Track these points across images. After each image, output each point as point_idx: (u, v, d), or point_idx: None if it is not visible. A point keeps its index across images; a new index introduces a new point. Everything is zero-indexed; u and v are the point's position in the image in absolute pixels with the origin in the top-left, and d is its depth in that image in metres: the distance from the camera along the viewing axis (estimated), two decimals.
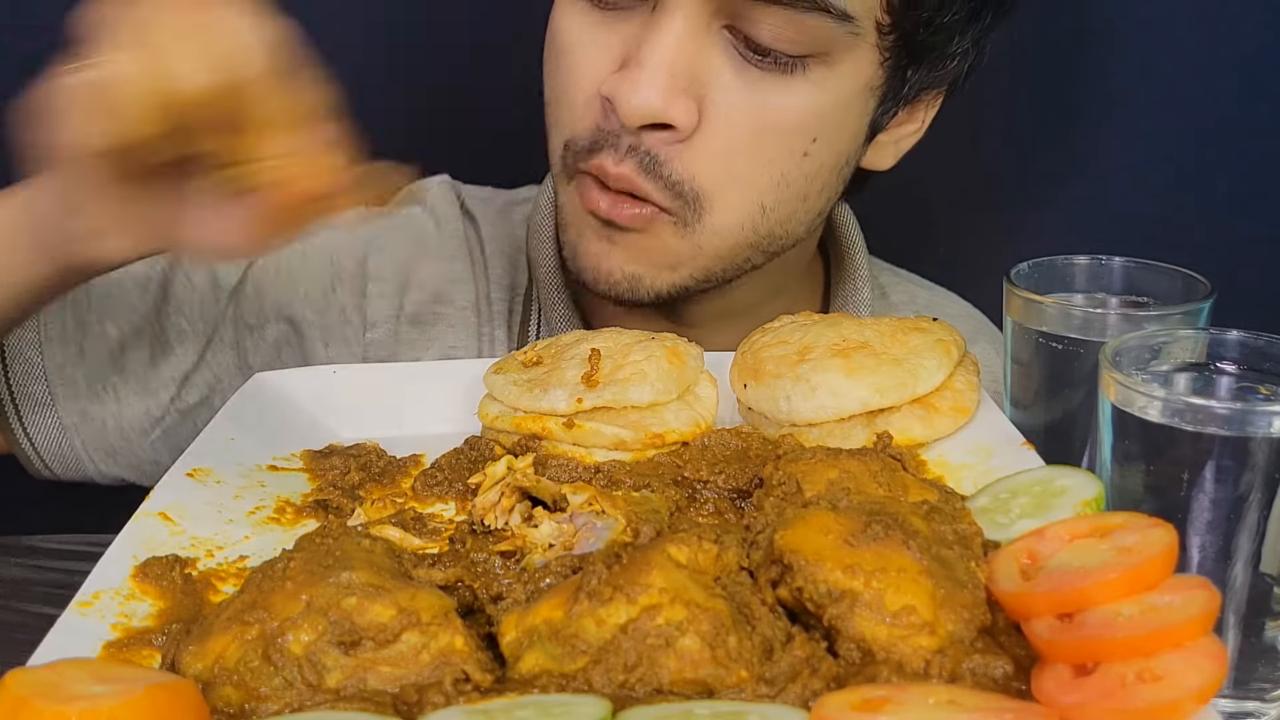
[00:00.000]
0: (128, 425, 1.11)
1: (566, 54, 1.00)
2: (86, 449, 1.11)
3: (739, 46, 0.95)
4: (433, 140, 1.38)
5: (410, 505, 0.81)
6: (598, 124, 0.98)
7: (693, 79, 0.95)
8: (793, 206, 1.02)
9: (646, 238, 1.00)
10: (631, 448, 0.85)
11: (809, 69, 0.96)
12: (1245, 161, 1.39)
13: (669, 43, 0.93)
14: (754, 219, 1.01)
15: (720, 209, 0.99)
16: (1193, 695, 0.55)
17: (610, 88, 0.95)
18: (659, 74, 0.93)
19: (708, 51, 0.95)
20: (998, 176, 1.45)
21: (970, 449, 0.84)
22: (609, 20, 0.98)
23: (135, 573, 0.71)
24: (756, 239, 1.03)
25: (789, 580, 0.63)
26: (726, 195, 0.99)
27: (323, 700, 0.59)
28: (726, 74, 0.96)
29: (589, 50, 0.98)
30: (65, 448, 1.11)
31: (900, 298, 1.27)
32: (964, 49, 1.03)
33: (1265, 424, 0.69)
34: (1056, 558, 0.64)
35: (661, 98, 0.93)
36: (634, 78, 0.94)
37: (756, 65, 0.95)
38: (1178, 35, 1.36)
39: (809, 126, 0.98)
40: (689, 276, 1.03)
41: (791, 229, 1.05)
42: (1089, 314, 0.87)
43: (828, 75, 0.97)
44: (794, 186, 1.01)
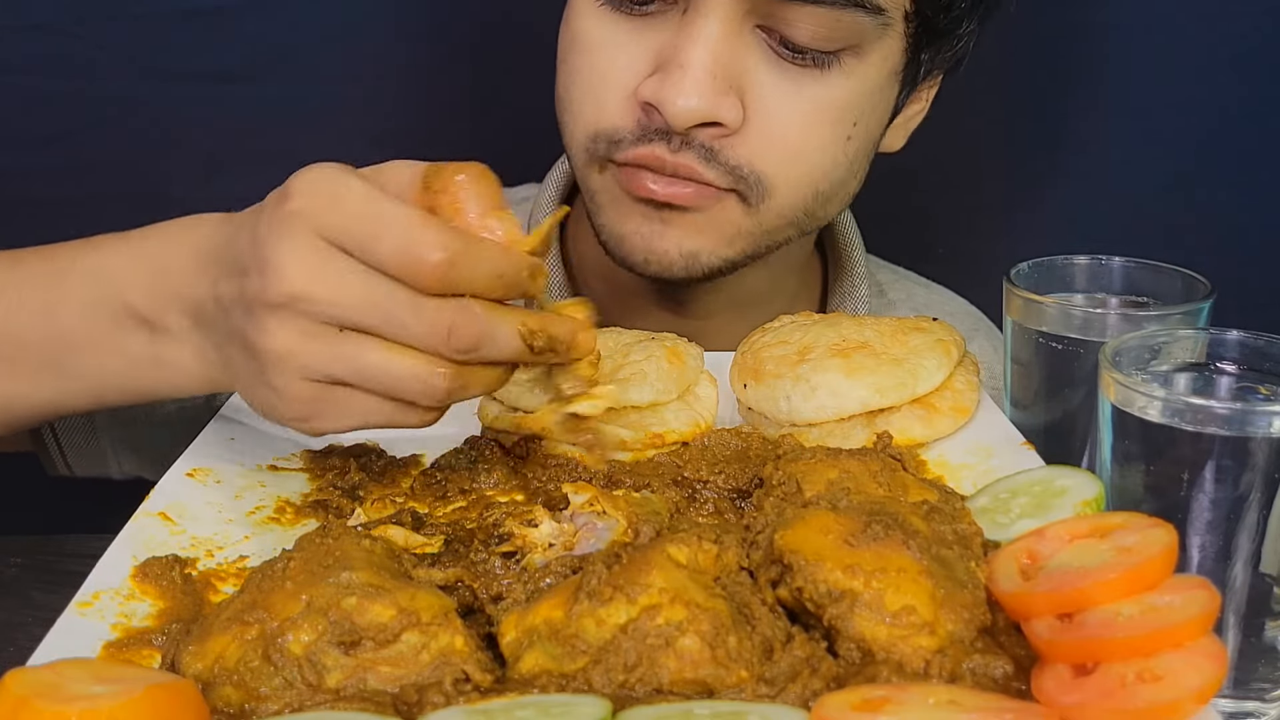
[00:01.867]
0: (158, 421, 1.10)
1: (592, 53, 1.00)
2: (113, 446, 1.10)
3: (774, 45, 0.96)
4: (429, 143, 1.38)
5: (410, 505, 0.81)
6: (639, 122, 0.98)
7: (733, 78, 0.96)
8: (838, 188, 1.04)
9: (707, 216, 1.00)
10: (631, 448, 0.85)
11: (843, 62, 0.97)
12: (1245, 161, 1.39)
13: (707, 43, 0.94)
14: (808, 202, 1.02)
15: (782, 192, 1.00)
16: (1193, 695, 0.55)
17: (652, 92, 0.95)
18: (702, 75, 0.93)
19: (743, 52, 0.96)
20: (998, 176, 1.45)
21: (970, 449, 0.84)
22: (638, 24, 0.98)
23: (135, 573, 0.71)
24: (805, 220, 1.04)
25: (789, 580, 0.63)
26: (786, 179, 1.00)
27: (323, 700, 0.59)
28: (765, 73, 0.96)
29: (618, 52, 0.98)
30: (91, 447, 1.10)
31: (898, 295, 1.27)
32: (971, 29, 1.05)
33: (1265, 424, 0.69)
34: (1056, 558, 0.64)
35: (707, 98, 0.94)
36: (676, 81, 0.94)
37: (793, 62, 0.96)
38: (1178, 35, 1.36)
39: (848, 114, 1.00)
40: (740, 252, 1.03)
41: (830, 210, 1.07)
42: (1089, 314, 0.87)
43: (859, 65, 0.98)
44: (840, 170, 1.02)
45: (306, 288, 0.69)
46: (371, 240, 0.69)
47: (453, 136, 1.38)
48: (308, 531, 0.71)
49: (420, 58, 1.40)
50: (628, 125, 0.98)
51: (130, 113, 1.35)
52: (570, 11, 1.02)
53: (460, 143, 1.39)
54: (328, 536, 0.68)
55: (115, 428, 1.10)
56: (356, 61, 1.39)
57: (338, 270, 0.69)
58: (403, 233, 0.69)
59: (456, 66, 1.39)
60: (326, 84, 1.38)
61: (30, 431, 1.09)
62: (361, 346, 0.70)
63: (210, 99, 1.35)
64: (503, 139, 1.31)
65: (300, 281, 0.69)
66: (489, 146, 1.31)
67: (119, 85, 1.34)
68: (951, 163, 1.37)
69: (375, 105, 1.40)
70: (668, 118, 0.94)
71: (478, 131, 1.38)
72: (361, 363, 0.70)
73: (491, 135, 1.37)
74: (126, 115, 1.35)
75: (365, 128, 1.40)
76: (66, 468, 1.12)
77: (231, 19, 1.34)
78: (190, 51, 1.34)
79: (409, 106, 1.41)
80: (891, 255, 1.31)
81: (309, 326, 0.70)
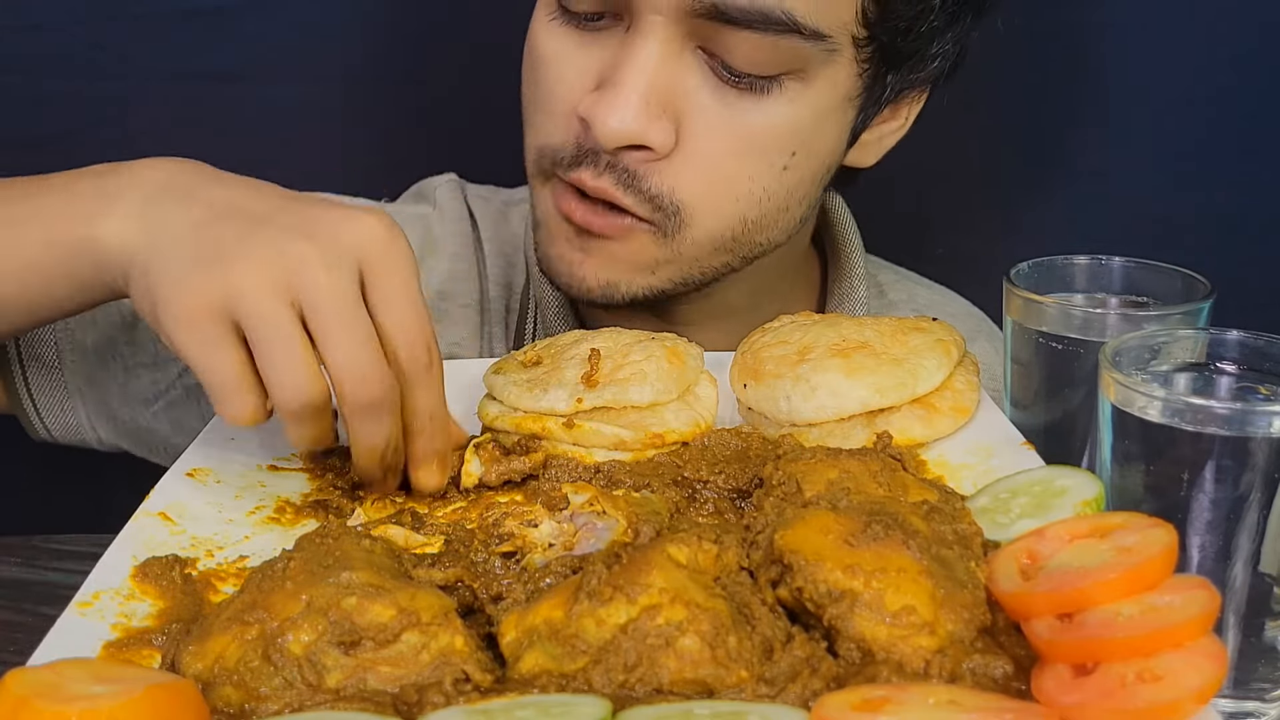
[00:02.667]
0: (132, 394, 1.11)
1: (544, 67, 1.00)
2: (89, 415, 1.11)
3: (714, 67, 0.96)
4: (434, 139, 1.38)
5: (410, 505, 0.81)
6: (577, 139, 0.98)
7: (668, 101, 0.95)
8: (773, 217, 1.03)
9: (622, 245, 1.01)
10: (631, 448, 0.85)
11: (785, 86, 0.96)
12: (1245, 161, 1.39)
13: (644, 65, 0.94)
14: (734, 230, 1.02)
15: (701, 222, 1.00)
16: (1193, 695, 0.55)
17: (586, 109, 0.96)
18: (634, 97, 0.94)
19: (682, 73, 0.96)
20: (997, 175, 1.45)
21: (970, 449, 0.84)
22: (586, 39, 0.98)
23: (135, 573, 0.71)
24: (736, 247, 1.03)
25: (789, 580, 0.63)
26: (707, 209, 0.99)
27: (323, 700, 0.59)
28: (703, 95, 0.96)
29: (566, 67, 0.99)
30: (68, 412, 1.11)
31: (899, 296, 1.27)
32: (944, 49, 1.03)
33: (1265, 424, 0.69)
34: (1056, 558, 0.64)
35: (637, 121, 0.94)
36: (609, 101, 0.94)
37: (732, 85, 0.96)
38: (1178, 35, 1.36)
39: (787, 142, 0.99)
40: (666, 280, 1.03)
41: (771, 237, 1.05)
42: (1089, 314, 0.87)
43: (803, 91, 0.97)
44: (775, 199, 1.01)
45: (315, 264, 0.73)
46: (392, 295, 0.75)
47: (452, 137, 1.38)
48: (308, 531, 0.71)
49: (420, 58, 1.40)
50: (568, 143, 0.99)
51: (130, 113, 1.35)
52: (531, 25, 1.02)
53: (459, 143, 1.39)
54: (328, 536, 0.68)
55: (89, 391, 1.10)
56: (356, 62, 1.39)
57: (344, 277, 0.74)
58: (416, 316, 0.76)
59: (456, 67, 1.39)
60: (326, 84, 1.38)
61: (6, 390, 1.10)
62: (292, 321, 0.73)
63: (210, 99, 1.35)
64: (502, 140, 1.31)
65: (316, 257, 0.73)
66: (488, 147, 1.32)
67: (119, 85, 1.34)
68: (951, 163, 1.37)
69: (375, 105, 1.40)
70: (597, 136, 0.95)
71: (477, 132, 1.38)
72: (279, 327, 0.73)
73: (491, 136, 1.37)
74: (126, 115, 1.35)
75: (365, 128, 1.40)
76: (46, 432, 1.12)
77: (231, 19, 1.34)
78: (190, 51, 1.34)
79: (409, 107, 1.41)
80: (891, 255, 1.31)
81: (276, 281, 0.73)
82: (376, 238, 0.76)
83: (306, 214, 0.76)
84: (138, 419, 1.12)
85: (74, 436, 1.13)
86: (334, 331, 0.73)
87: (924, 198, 1.42)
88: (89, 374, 1.10)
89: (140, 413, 1.12)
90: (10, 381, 1.09)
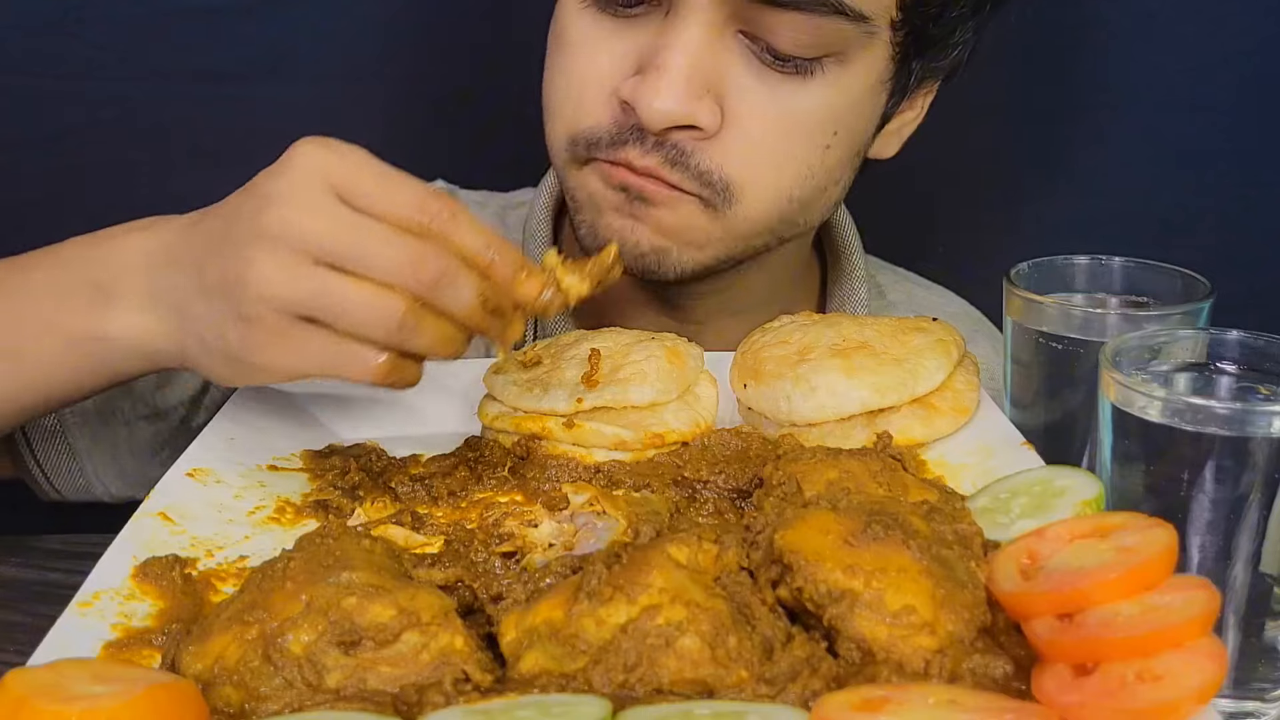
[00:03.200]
0: (138, 446, 1.11)
1: (575, 53, 1.00)
2: (97, 473, 1.10)
3: (756, 51, 0.96)
4: (435, 139, 1.38)
5: (415, 508, 0.81)
6: (615, 122, 0.98)
7: (712, 83, 0.95)
8: (815, 197, 1.03)
9: (674, 214, 1.00)
10: (631, 448, 0.85)
11: (825, 69, 0.97)
12: (1245, 161, 1.39)
13: (687, 48, 0.93)
14: (781, 209, 1.01)
15: (750, 199, 0.99)
16: (1193, 695, 0.55)
17: (630, 92, 0.95)
18: (679, 78, 0.93)
19: (725, 57, 0.95)
20: (997, 175, 1.44)
21: (970, 449, 0.84)
22: (622, 25, 0.98)
23: (135, 573, 0.71)
24: (781, 227, 1.04)
25: (789, 580, 0.63)
26: (756, 186, 0.99)
27: (323, 700, 0.59)
28: (745, 78, 0.96)
29: (601, 52, 0.98)
30: (75, 473, 1.10)
31: (898, 296, 1.27)
32: (964, 39, 1.04)
33: (1265, 424, 0.69)
34: (1056, 558, 0.64)
35: (684, 101, 0.94)
36: (653, 83, 0.94)
37: (774, 69, 0.96)
38: (1177, 34, 1.36)
39: (828, 123, 0.99)
40: (713, 257, 1.03)
41: (810, 217, 1.06)
42: (1089, 314, 0.87)
43: (843, 73, 0.97)
44: (817, 179, 1.02)
45: (296, 217, 0.74)
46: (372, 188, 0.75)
47: (451, 138, 1.38)
48: (308, 531, 0.71)
49: (419, 58, 1.40)
50: (605, 124, 0.98)
51: (130, 113, 1.35)
52: (557, 10, 1.02)
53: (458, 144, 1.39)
54: (328, 536, 0.68)
55: (95, 451, 1.10)
56: (356, 62, 1.39)
57: (329, 206, 0.74)
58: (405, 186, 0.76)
59: (455, 67, 1.39)
60: (326, 84, 1.37)
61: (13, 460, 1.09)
62: (329, 275, 0.74)
63: (210, 99, 1.35)
64: (501, 141, 1.31)
65: (293, 211, 0.74)
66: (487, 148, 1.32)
67: (119, 85, 1.34)
68: (951, 163, 1.37)
69: (375, 105, 1.40)
70: (643, 119, 0.94)
71: (476, 133, 1.38)
72: (328, 287, 0.73)
73: (490, 137, 1.37)
74: (126, 115, 1.35)
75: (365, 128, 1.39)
76: (56, 493, 1.12)
77: (231, 19, 1.34)
78: (190, 51, 1.34)
79: (408, 107, 1.41)
80: (891, 255, 1.31)
81: (286, 257, 0.74)
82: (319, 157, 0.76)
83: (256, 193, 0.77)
84: (146, 470, 1.11)
85: (85, 494, 1.12)
86: (359, 252, 0.74)
87: (924, 198, 1.42)
88: (93, 434, 1.09)
89: (148, 463, 1.11)
90: (15, 451, 1.08)
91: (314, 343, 0.75)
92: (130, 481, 1.12)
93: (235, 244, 0.76)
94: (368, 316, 0.74)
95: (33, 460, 1.08)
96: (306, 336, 0.75)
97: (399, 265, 0.74)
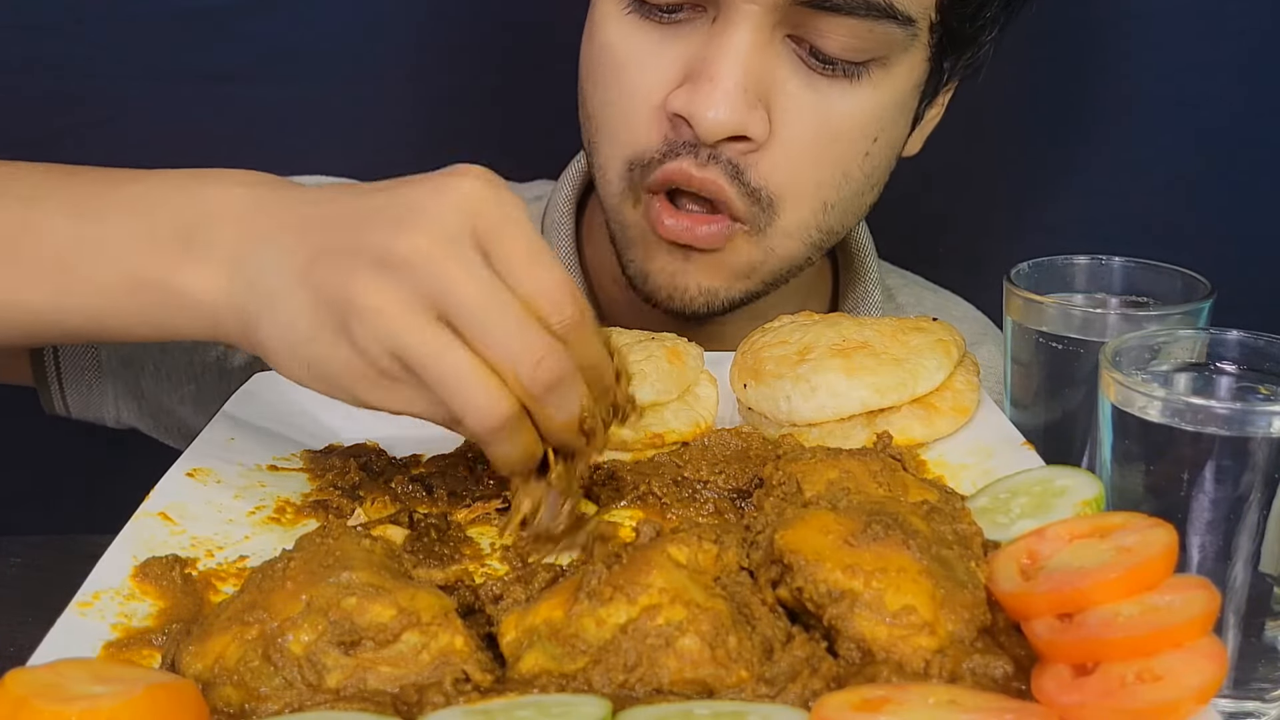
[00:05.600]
0: (166, 373, 1.10)
1: (622, 67, 0.99)
2: (116, 393, 1.09)
3: (803, 55, 0.96)
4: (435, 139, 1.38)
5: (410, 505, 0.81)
6: (665, 137, 0.97)
7: (762, 90, 0.95)
8: (852, 202, 1.03)
9: (721, 254, 1.00)
10: (631, 448, 0.85)
11: (871, 74, 0.97)
12: (1246, 161, 1.39)
13: (738, 55, 0.93)
14: (818, 217, 1.01)
15: (789, 211, 0.99)
16: (1193, 695, 0.55)
17: (683, 104, 0.95)
18: (732, 87, 0.93)
19: (773, 62, 0.95)
20: (998, 177, 1.44)
21: (970, 449, 0.84)
22: (667, 33, 0.97)
23: (135, 573, 0.71)
24: (819, 236, 1.03)
25: (789, 580, 0.63)
26: (795, 197, 0.99)
27: (323, 700, 0.59)
28: (793, 83, 0.96)
29: (647, 63, 0.97)
30: (95, 389, 1.08)
31: (907, 299, 1.27)
32: (993, 37, 1.05)
33: (1265, 424, 0.69)
34: (1056, 558, 0.64)
35: (738, 112, 0.93)
36: (707, 93, 0.93)
37: (821, 74, 0.96)
38: (1178, 35, 1.36)
39: (871, 128, 0.99)
40: (760, 282, 1.03)
41: (847, 222, 1.06)
42: (1089, 314, 0.87)
43: (885, 77, 0.98)
44: (854, 184, 1.02)
45: (438, 257, 0.67)
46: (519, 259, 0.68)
47: (454, 136, 1.38)
48: (308, 531, 0.71)
49: (420, 57, 1.40)
50: (655, 142, 0.98)
51: (130, 113, 1.35)
52: (595, 24, 1.00)
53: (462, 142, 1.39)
54: (328, 536, 0.68)
55: (121, 374, 1.09)
56: (356, 61, 1.39)
57: (471, 260, 0.68)
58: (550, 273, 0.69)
59: (457, 65, 1.39)
60: (326, 84, 1.38)
61: (33, 363, 1.07)
62: (450, 342, 0.68)
63: (210, 99, 1.35)
64: (504, 138, 1.31)
65: (436, 248, 0.67)
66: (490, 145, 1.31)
67: (119, 85, 1.34)
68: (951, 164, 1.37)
69: (376, 105, 1.40)
70: (698, 131, 0.94)
71: (480, 130, 1.38)
72: (442, 356, 0.67)
73: (493, 134, 1.37)
74: (126, 115, 1.35)
75: (366, 128, 1.40)
76: (64, 407, 1.10)
77: (231, 19, 1.34)
78: (190, 51, 1.34)
79: (409, 106, 1.41)
80: (892, 257, 1.31)
81: (410, 298, 0.67)
82: (481, 200, 0.69)
83: (401, 204, 0.70)
84: (163, 399, 1.10)
85: (92, 413, 1.11)
86: (487, 326, 0.67)
87: (924, 200, 1.42)
88: (126, 355, 1.07)
89: (169, 392, 1.10)
90: (39, 356, 1.07)
91: (407, 392, 0.69)
92: (144, 408, 1.11)
93: (359, 254, 0.69)
94: (470, 403, 0.68)
95: (53, 364, 1.07)
96: (401, 383, 0.69)
97: (522, 356, 0.68)
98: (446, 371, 0.67)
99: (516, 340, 0.67)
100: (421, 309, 0.67)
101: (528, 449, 0.71)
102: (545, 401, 0.69)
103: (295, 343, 0.71)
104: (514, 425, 0.69)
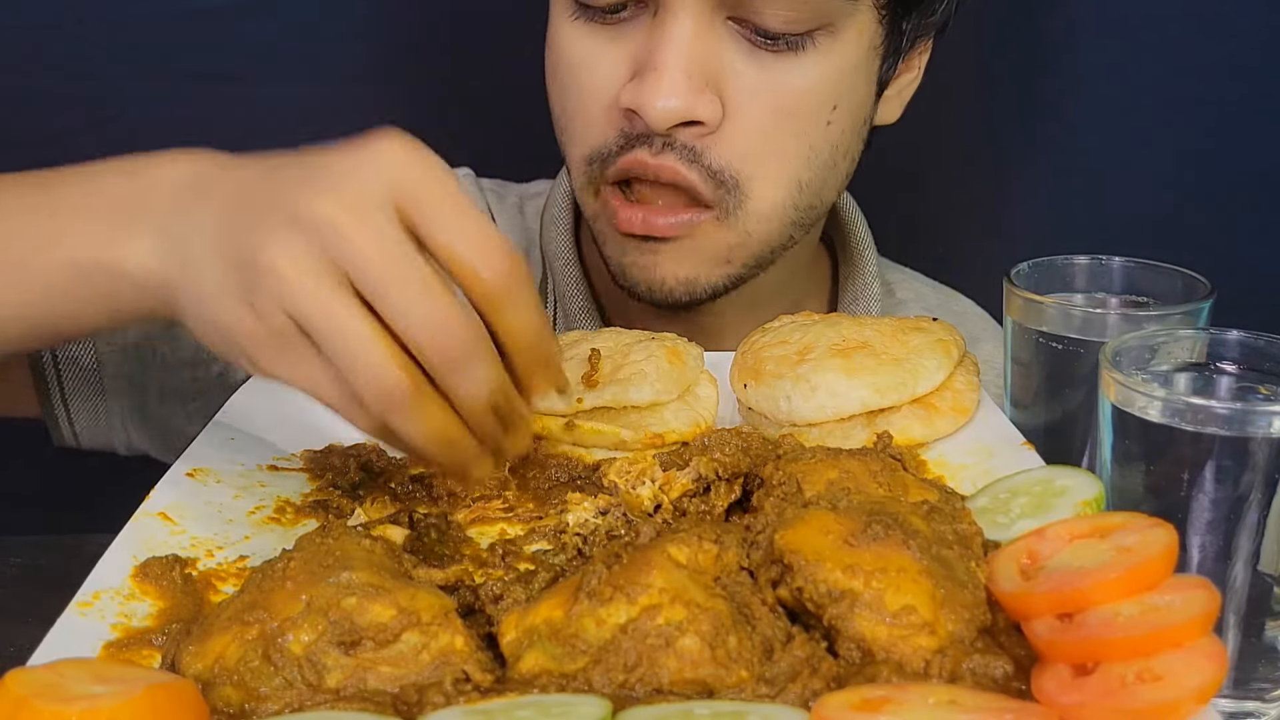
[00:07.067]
0: (171, 392, 1.10)
1: (575, 71, 1.00)
2: (124, 417, 1.09)
3: (747, 35, 0.96)
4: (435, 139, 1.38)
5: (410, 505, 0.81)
6: (622, 130, 0.98)
7: (709, 75, 0.96)
8: (824, 175, 1.04)
9: (692, 240, 1.01)
10: (631, 448, 0.85)
11: (817, 43, 0.97)
12: (1245, 161, 1.40)
13: (680, 43, 0.94)
14: (793, 196, 1.02)
15: (759, 192, 1.00)
16: (1193, 695, 0.55)
17: (631, 97, 0.96)
18: (677, 75, 0.94)
19: (717, 46, 0.96)
20: (998, 176, 1.45)
21: (970, 449, 0.84)
22: (612, 33, 0.98)
23: (135, 573, 0.71)
24: (797, 215, 1.04)
25: (789, 580, 0.63)
26: (763, 177, 1.00)
27: (323, 700, 0.59)
28: (739, 63, 0.97)
29: (598, 64, 0.99)
30: (101, 414, 1.09)
31: (907, 295, 1.27)
32: None
33: (1265, 424, 0.69)
34: (1056, 558, 0.64)
35: (684, 98, 0.94)
36: (653, 84, 0.94)
37: (767, 49, 0.97)
38: (1177, 35, 1.36)
39: (827, 97, 1.00)
40: (741, 265, 1.04)
41: (825, 196, 1.06)
42: (1089, 314, 0.87)
43: (834, 44, 0.98)
44: (822, 155, 1.02)
45: (343, 221, 0.65)
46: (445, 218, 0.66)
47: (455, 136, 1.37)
48: (308, 531, 0.71)
49: (421, 56, 1.40)
50: (612, 137, 0.99)
51: (130, 113, 1.35)
52: (550, 30, 1.02)
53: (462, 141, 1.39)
54: (328, 536, 0.68)
55: (126, 395, 1.09)
56: (355, 61, 1.39)
57: (380, 225, 0.66)
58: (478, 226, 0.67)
59: (457, 65, 1.39)
60: (326, 84, 1.38)
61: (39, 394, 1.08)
62: (351, 312, 0.65)
63: (210, 99, 1.35)
64: (504, 137, 1.31)
65: (342, 212, 0.65)
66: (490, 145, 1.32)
67: (119, 85, 1.34)
68: (951, 163, 1.37)
69: (376, 105, 1.40)
70: (647, 120, 0.95)
71: (480, 129, 1.38)
72: (335, 319, 0.65)
73: (494, 133, 1.37)
74: (126, 115, 1.35)
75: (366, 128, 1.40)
76: (74, 437, 1.10)
77: (231, 19, 1.34)
78: (190, 51, 1.34)
79: (410, 106, 1.40)
80: (891, 255, 1.31)
81: (314, 263, 0.65)
82: (401, 163, 0.67)
83: (317, 168, 0.69)
84: (171, 418, 1.10)
85: (101, 440, 1.11)
86: (387, 291, 0.65)
87: (924, 198, 1.42)
88: (130, 374, 1.08)
89: (176, 412, 1.10)
90: (43, 386, 1.07)
91: (310, 366, 0.67)
92: (153, 430, 1.11)
93: (268, 211, 0.67)
94: (362, 373, 0.65)
95: (59, 395, 1.07)
96: (305, 355, 0.67)
97: (422, 322, 0.65)
98: (338, 336, 0.65)
99: (418, 306, 0.65)
100: (325, 273, 0.65)
101: (438, 428, 0.68)
102: (447, 373, 0.66)
103: (206, 307, 0.70)
104: (415, 400, 0.66)
